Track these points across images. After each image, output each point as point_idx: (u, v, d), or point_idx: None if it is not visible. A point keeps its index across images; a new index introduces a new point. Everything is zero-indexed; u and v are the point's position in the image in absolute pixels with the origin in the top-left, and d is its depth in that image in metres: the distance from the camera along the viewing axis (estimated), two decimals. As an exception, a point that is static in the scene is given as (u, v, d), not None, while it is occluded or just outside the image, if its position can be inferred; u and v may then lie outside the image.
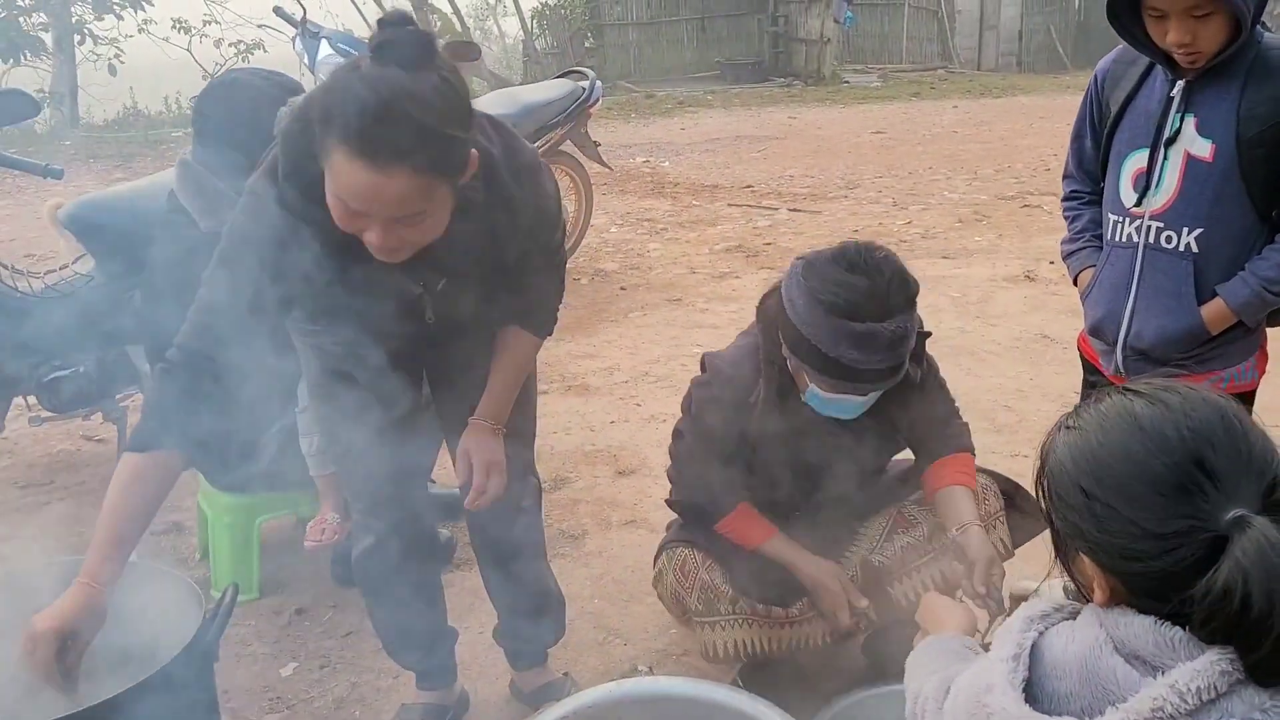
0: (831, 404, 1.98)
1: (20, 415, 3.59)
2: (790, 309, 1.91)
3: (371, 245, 1.59)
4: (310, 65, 5.18)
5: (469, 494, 2.00)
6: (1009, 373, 4.46)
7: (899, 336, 1.84)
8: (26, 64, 11.94)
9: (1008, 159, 9.88)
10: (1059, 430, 1.19)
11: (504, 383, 2.05)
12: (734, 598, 2.13)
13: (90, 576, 1.55)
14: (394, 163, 1.48)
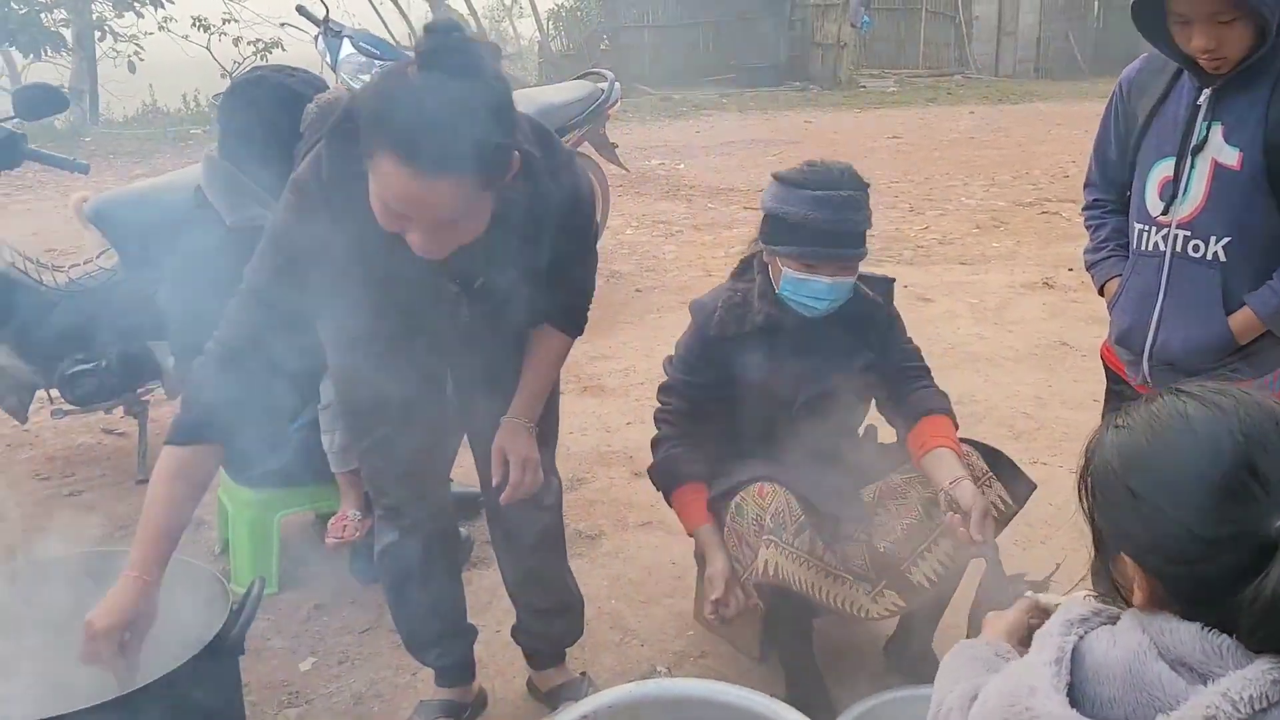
0: (802, 288, 2.18)
1: (43, 408, 3.62)
2: (764, 203, 2.24)
3: (413, 245, 1.61)
4: (332, 64, 5.21)
5: (505, 490, 2.01)
6: (1027, 380, 4.45)
7: (852, 204, 2.15)
8: (47, 60, 12.01)
9: (1025, 165, 9.85)
10: (1107, 429, 1.18)
11: (537, 381, 2.07)
12: (800, 528, 2.16)
13: (141, 569, 1.56)
14: (440, 171, 1.49)
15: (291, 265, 1.71)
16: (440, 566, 2.23)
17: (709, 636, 2.66)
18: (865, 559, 2.24)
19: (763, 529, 2.18)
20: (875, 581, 2.23)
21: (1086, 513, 1.19)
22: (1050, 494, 3.11)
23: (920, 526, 2.24)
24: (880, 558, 2.23)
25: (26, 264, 3.51)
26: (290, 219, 1.73)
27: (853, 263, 2.20)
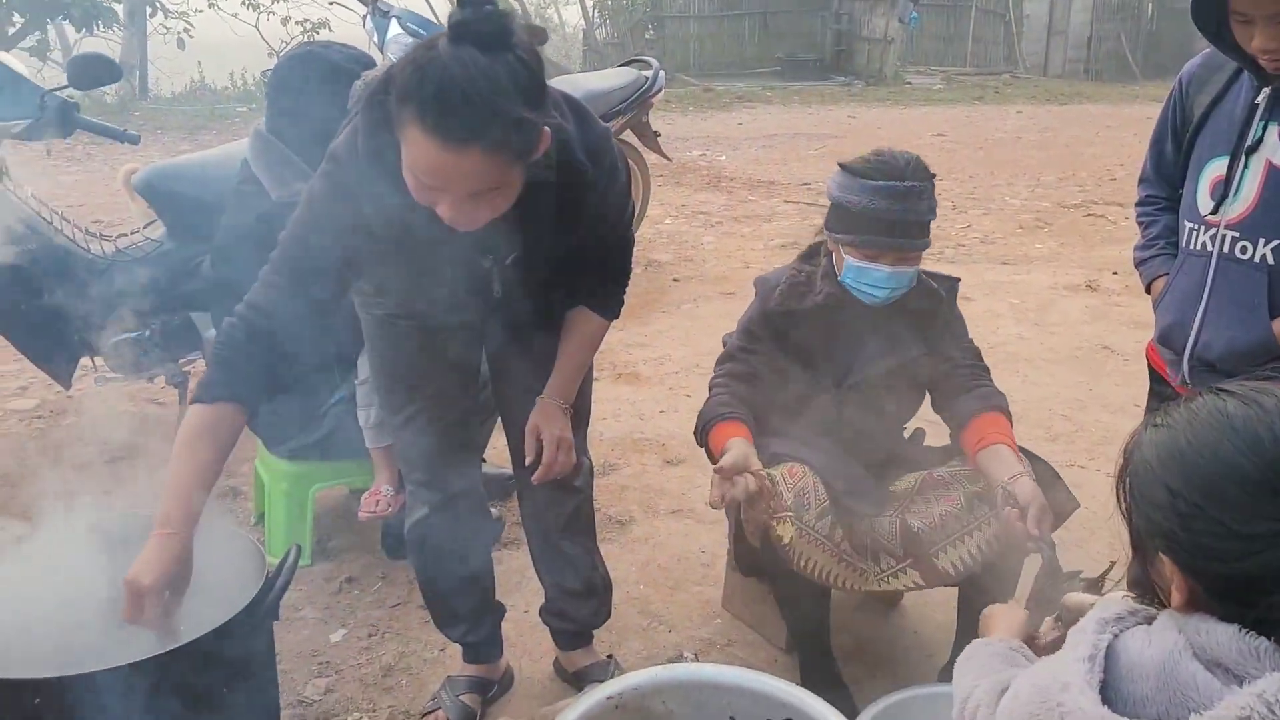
0: (864, 274, 2.19)
1: (86, 375, 3.68)
2: (829, 191, 2.25)
3: (444, 217, 1.62)
4: (379, 44, 5.23)
5: (538, 469, 2.01)
6: (1067, 382, 4.40)
7: (915, 193, 2.14)
8: (98, 34, 12.17)
9: (1072, 167, 9.73)
10: (1146, 428, 1.17)
11: (572, 362, 2.07)
12: (822, 511, 2.16)
13: (174, 525, 1.58)
14: (467, 143, 1.50)
15: (325, 234, 1.73)
16: (470, 544, 2.25)
17: (736, 625, 2.67)
18: (896, 534, 2.24)
19: (782, 502, 2.17)
20: (900, 559, 2.22)
21: (1124, 513, 1.19)
22: (1086, 498, 3.06)
23: (959, 516, 2.23)
24: (911, 535, 2.22)
25: (75, 232, 3.57)
26: (326, 188, 1.74)
27: (915, 253, 2.21)
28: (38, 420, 3.95)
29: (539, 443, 2.02)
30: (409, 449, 2.17)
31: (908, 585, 2.24)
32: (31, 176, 3.97)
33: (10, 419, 3.96)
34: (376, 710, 2.36)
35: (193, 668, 1.53)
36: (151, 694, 1.48)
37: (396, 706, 2.38)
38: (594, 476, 2.38)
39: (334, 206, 1.73)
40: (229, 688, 1.60)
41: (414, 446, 2.15)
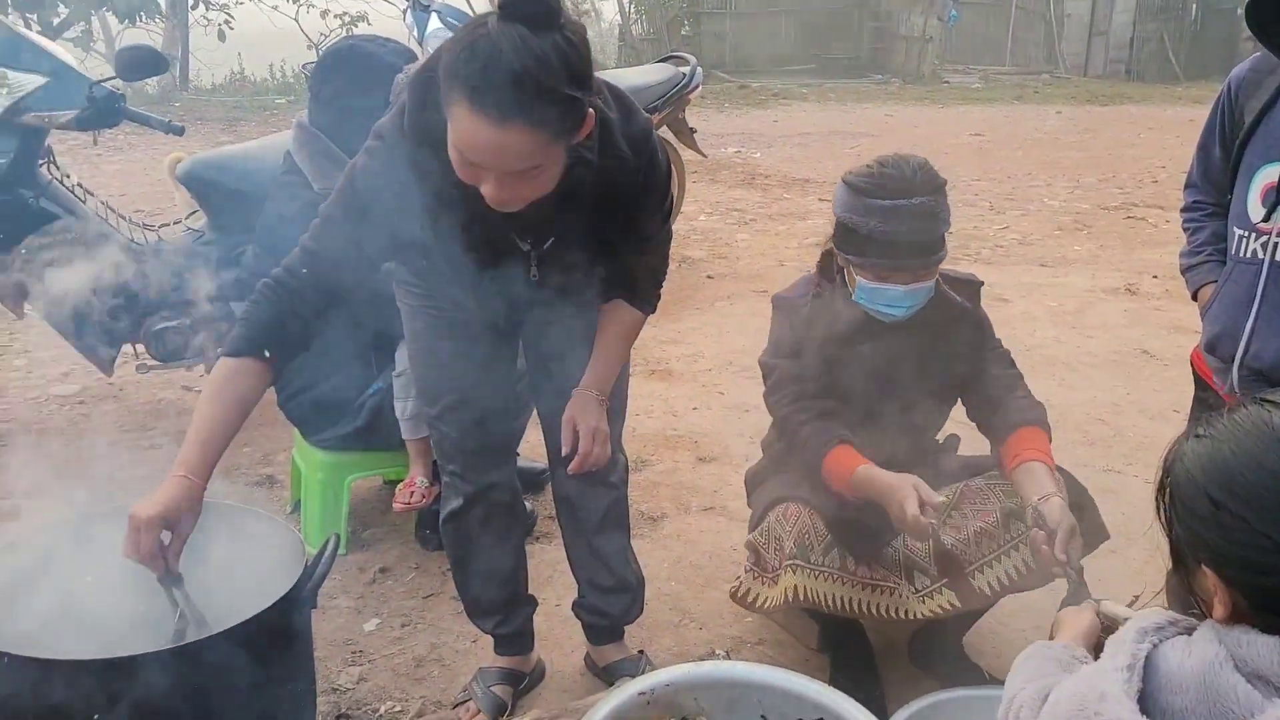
0: (877, 295, 2.11)
1: (127, 362, 3.73)
2: (835, 207, 2.14)
3: (487, 196, 1.63)
4: (419, 38, 5.26)
5: (573, 460, 2.01)
6: (1105, 386, 4.35)
7: (926, 211, 2.02)
8: (141, 25, 12.33)
9: (1112, 168, 9.60)
10: (1187, 439, 1.16)
11: (609, 354, 2.08)
12: (827, 547, 2.14)
13: (188, 469, 1.59)
14: (513, 120, 1.51)
15: (365, 208, 1.75)
16: (503, 536, 2.26)
17: (767, 623, 2.66)
18: (929, 553, 2.22)
19: (784, 552, 2.15)
20: (935, 578, 2.21)
21: (1164, 524, 1.17)
22: (1123, 504, 3.05)
23: (994, 533, 2.20)
24: (945, 554, 2.20)
25: (119, 221, 3.62)
26: (369, 163, 1.76)
27: (930, 269, 2.12)
28: (79, 406, 4.01)
29: (575, 434, 2.02)
30: (444, 440, 2.18)
31: (944, 607, 2.20)
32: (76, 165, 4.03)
33: (52, 404, 4.03)
34: (409, 700, 2.38)
35: (233, 653, 1.54)
36: (192, 677, 1.50)
37: (428, 697, 2.39)
38: (629, 473, 2.38)
39: (376, 182, 1.75)
40: (267, 674, 1.62)
41: (449, 438, 2.17)
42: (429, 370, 2.15)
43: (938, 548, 2.22)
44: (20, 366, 4.38)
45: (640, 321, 2.11)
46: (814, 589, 2.12)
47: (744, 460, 3.51)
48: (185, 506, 1.58)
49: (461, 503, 2.21)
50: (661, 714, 1.80)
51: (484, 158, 1.57)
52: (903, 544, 2.25)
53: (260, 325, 1.71)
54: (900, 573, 2.22)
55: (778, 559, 2.15)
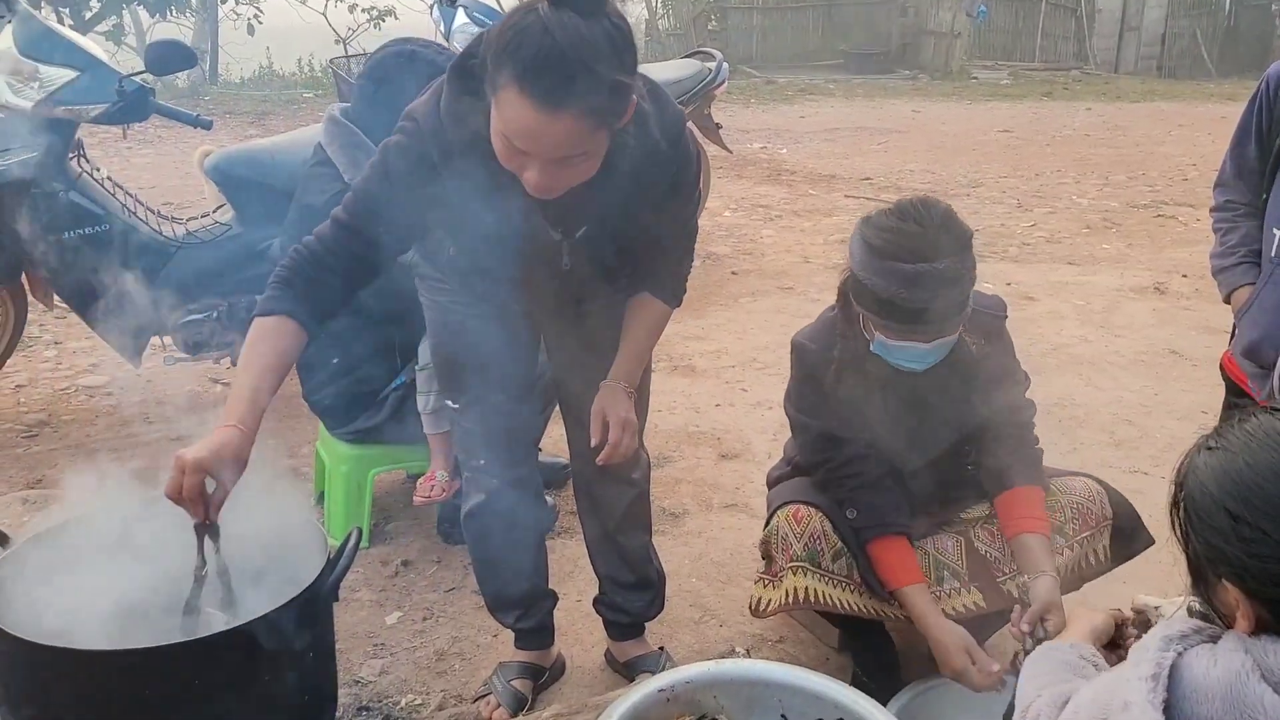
0: (898, 352, 1.98)
1: (155, 354, 3.76)
2: (851, 259, 1.98)
3: (529, 183, 1.63)
4: (445, 32, 5.27)
5: (602, 450, 2.00)
6: (1132, 386, 4.30)
7: (949, 277, 1.86)
8: (171, 20, 12.43)
9: (1142, 166, 9.50)
10: (1199, 451, 1.15)
11: (636, 347, 2.07)
12: (839, 552, 2.13)
13: (236, 420, 1.59)
14: (563, 106, 1.51)
15: (396, 188, 1.76)
16: (524, 531, 2.27)
17: (788, 622, 2.65)
18: (961, 553, 2.21)
19: (790, 553, 2.13)
20: (965, 581, 2.19)
21: (1181, 540, 1.16)
22: (1149, 505, 2.99)
23: None
24: (977, 558, 2.19)
25: (148, 214, 3.65)
26: (403, 143, 1.77)
27: (955, 327, 1.97)
28: (107, 397, 4.05)
29: (605, 425, 2.00)
30: (467, 434, 2.19)
31: (968, 605, 2.18)
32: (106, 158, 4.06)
33: (80, 394, 4.07)
34: (430, 693, 2.39)
35: (255, 644, 1.56)
36: (215, 668, 1.52)
37: (449, 690, 2.40)
38: (651, 470, 2.38)
39: (407, 164, 1.75)
40: (290, 665, 1.63)
41: (472, 432, 2.17)
42: (452, 365, 2.16)
43: (970, 552, 2.21)
44: (50, 357, 4.43)
45: (666, 315, 2.10)
46: (825, 593, 2.11)
47: (766, 458, 3.50)
48: (231, 454, 1.58)
49: (484, 498, 2.21)
50: (681, 711, 1.80)
51: (531, 143, 1.56)
52: (934, 547, 2.23)
53: (289, 287, 1.72)
54: (929, 574, 2.21)
55: (783, 559, 2.14)
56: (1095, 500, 2.21)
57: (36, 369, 4.29)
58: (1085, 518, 2.20)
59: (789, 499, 2.20)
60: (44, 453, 3.55)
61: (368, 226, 1.76)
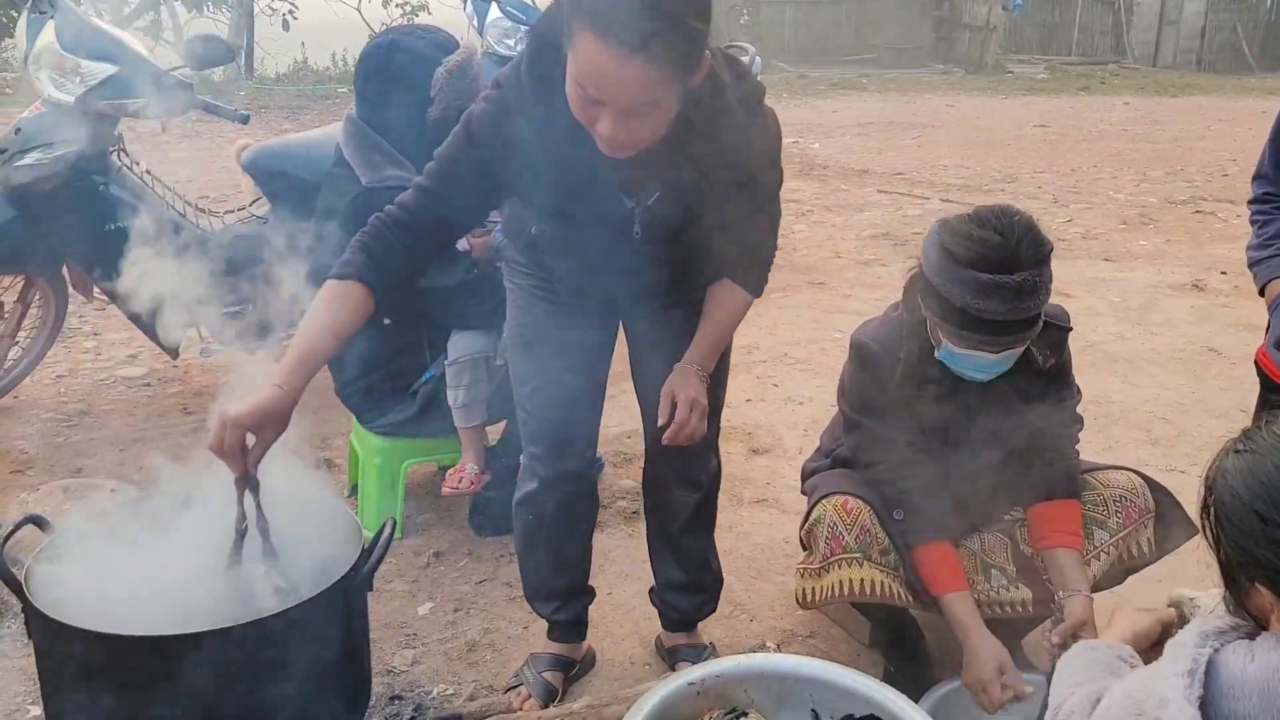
0: (965, 360, 1.94)
1: (192, 345, 3.81)
2: (925, 263, 1.93)
3: (601, 137, 1.63)
4: (479, 28, 5.29)
5: (668, 430, 1.94)
6: (1169, 384, 4.25)
7: (1027, 289, 1.81)
8: (207, 15, 12.57)
9: (1181, 161, 9.38)
10: (1227, 455, 1.14)
11: (713, 331, 2.02)
12: (886, 548, 2.12)
13: (282, 380, 1.63)
14: (637, 49, 1.51)
15: (479, 153, 1.79)
16: (574, 524, 2.28)
17: (818, 617, 2.65)
18: (1007, 552, 2.20)
19: (840, 544, 2.12)
20: (1012, 579, 2.18)
21: (1212, 544, 1.15)
22: (1186, 503, 2.97)
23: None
24: (1023, 558, 2.18)
25: (185, 208, 3.70)
26: (487, 110, 1.79)
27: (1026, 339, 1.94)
28: (145, 388, 4.11)
29: (673, 404, 1.94)
30: (529, 420, 2.19)
31: (1016, 603, 2.17)
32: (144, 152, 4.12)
33: (119, 385, 4.13)
34: (461, 683, 2.41)
35: (291, 632, 1.58)
36: (252, 655, 1.54)
37: (480, 681, 2.42)
38: (720, 476, 2.36)
39: (490, 129, 1.78)
40: (326, 654, 1.65)
41: (534, 418, 2.18)
42: (524, 350, 2.16)
43: (1015, 552, 2.20)
44: (90, 349, 4.50)
45: (747, 304, 2.05)
46: (883, 583, 2.10)
47: (797, 453, 3.50)
48: (273, 412, 1.60)
49: (537, 486, 2.22)
50: (711, 705, 1.80)
51: (604, 90, 1.56)
52: (980, 546, 2.22)
53: (368, 253, 1.75)
54: (976, 571, 2.20)
55: (830, 549, 2.13)
56: (1138, 493, 2.20)
57: (76, 360, 4.36)
58: (1129, 511, 2.18)
59: (835, 489, 2.20)
60: (84, 442, 3.60)
61: (450, 190, 1.80)
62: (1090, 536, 2.16)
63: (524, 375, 2.17)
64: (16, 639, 2.45)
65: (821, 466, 2.40)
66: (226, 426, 1.57)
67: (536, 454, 2.20)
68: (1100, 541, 2.16)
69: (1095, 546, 2.16)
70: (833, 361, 4.50)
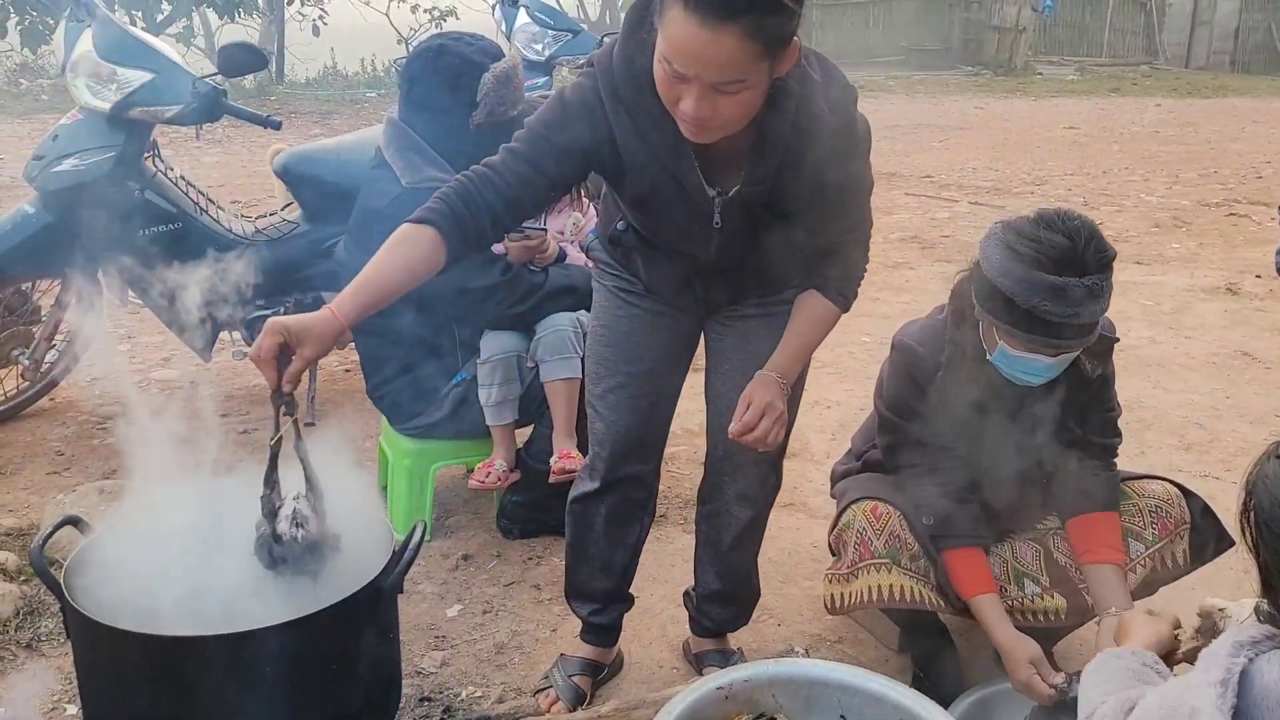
0: (1020, 363, 1.92)
1: (224, 348, 3.85)
2: (985, 263, 1.90)
3: (685, 116, 1.63)
4: (507, 32, 5.32)
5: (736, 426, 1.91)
6: (1202, 389, 4.21)
7: (1093, 293, 1.81)
8: (239, 22, 12.69)
9: (1214, 163, 9.27)
10: (1268, 459, 1.13)
11: (796, 341, 1.99)
12: (916, 554, 2.11)
13: (336, 305, 1.64)
14: (726, 20, 1.52)
15: (569, 117, 1.80)
16: (626, 529, 2.28)
17: (846, 622, 2.64)
18: (1040, 560, 2.18)
19: (868, 549, 2.12)
20: (1046, 588, 2.17)
21: (1251, 549, 1.14)
22: (1220, 510, 2.93)
23: None
24: (1057, 566, 2.17)
25: (218, 212, 3.74)
26: (581, 84, 1.82)
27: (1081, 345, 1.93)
28: (179, 390, 4.16)
29: (748, 407, 1.91)
30: (598, 420, 2.20)
31: (1050, 611, 2.16)
32: (177, 157, 4.17)
33: (154, 388, 4.18)
34: (489, 685, 2.42)
35: (322, 633, 1.60)
36: (287, 657, 1.55)
37: (508, 683, 2.43)
38: (777, 493, 2.35)
39: (581, 101, 1.80)
40: (357, 654, 1.67)
41: (603, 419, 2.18)
42: (604, 350, 2.17)
43: (1048, 560, 2.18)
44: (124, 351, 4.56)
45: (834, 315, 2.01)
46: (912, 588, 2.10)
47: (825, 457, 3.49)
48: (316, 328, 1.61)
49: (596, 486, 2.23)
50: (739, 709, 1.80)
51: (690, 63, 1.56)
52: (1011, 554, 2.21)
53: (449, 204, 1.75)
54: (1009, 579, 2.18)
55: (858, 554, 2.13)
56: (1174, 503, 2.18)
57: (111, 363, 4.41)
58: (1164, 521, 2.16)
59: (864, 494, 2.19)
60: (118, 444, 3.65)
61: (538, 156, 1.80)
62: (1126, 548, 2.14)
63: (598, 375, 2.17)
64: (53, 639, 2.49)
65: (852, 469, 2.39)
66: (267, 333, 1.59)
67: (600, 455, 2.20)
68: (1136, 554, 2.14)
69: (1131, 559, 2.14)
70: (860, 365, 4.48)
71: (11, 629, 2.51)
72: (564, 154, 1.81)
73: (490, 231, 1.80)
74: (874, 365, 4.32)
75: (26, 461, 3.48)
